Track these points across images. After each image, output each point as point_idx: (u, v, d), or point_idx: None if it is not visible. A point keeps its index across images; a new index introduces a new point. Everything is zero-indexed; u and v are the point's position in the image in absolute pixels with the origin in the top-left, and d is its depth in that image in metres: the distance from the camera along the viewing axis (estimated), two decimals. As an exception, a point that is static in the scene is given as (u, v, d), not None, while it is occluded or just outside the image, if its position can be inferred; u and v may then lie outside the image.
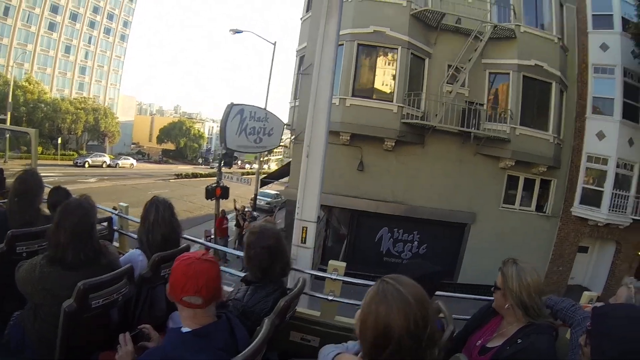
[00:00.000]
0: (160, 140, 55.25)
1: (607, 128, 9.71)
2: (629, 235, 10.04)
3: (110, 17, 46.86)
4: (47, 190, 2.65)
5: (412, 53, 9.76)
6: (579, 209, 10.03)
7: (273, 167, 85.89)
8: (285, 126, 10.59)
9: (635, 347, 1.10)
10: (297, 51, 12.42)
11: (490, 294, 1.77)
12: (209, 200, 11.20)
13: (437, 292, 2.00)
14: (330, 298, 2.45)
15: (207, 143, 64.15)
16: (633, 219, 9.55)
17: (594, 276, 10.72)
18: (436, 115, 9.66)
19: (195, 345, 1.26)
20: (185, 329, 1.30)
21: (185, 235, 2.38)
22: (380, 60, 10.01)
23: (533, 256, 10.45)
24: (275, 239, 1.88)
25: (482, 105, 9.72)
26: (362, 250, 10.76)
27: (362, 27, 9.68)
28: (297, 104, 11.31)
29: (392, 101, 9.68)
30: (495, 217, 10.32)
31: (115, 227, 3.00)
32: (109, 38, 47.16)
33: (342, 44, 9.87)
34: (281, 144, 12.30)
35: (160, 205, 2.11)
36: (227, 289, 2.23)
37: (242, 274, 2.22)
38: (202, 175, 36.10)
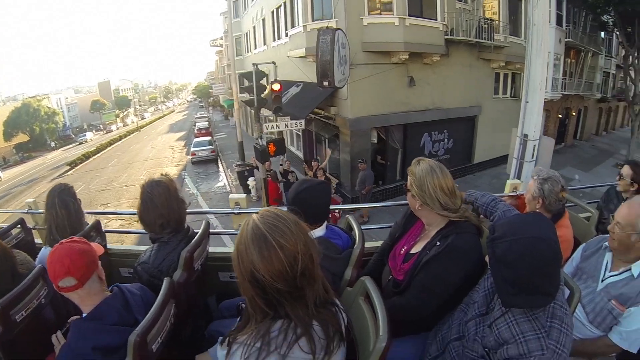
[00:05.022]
0: (7, 135, 48.12)
1: (547, 31, 15.45)
2: (554, 105, 16.88)
3: None
4: None
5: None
6: (532, 92, 16.01)
7: (150, 117, 76.12)
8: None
9: (531, 271, 1.22)
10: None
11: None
12: (264, 163, 10.51)
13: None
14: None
15: (62, 119, 56.45)
16: (562, 94, 16.22)
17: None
18: (463, 30, 13.07)
19: (90, 330, 1.41)
20: (84, 315, 1.47)
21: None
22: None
23: (510, 130, 16.20)
24: (160, 189, 1.96)
25: (488, 20, 13.62)
26: (413, 158, 13.93)
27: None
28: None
29: (437, 19, 12.40)
30: (490, 106, 15.24)
31: (30, 226, 3.18)
32: None
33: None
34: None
35: (58, 192, 2.30)
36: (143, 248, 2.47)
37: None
38: (93, 154, 33.76)
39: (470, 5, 13.40)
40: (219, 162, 21.86)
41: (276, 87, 10.52)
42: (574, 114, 19.47)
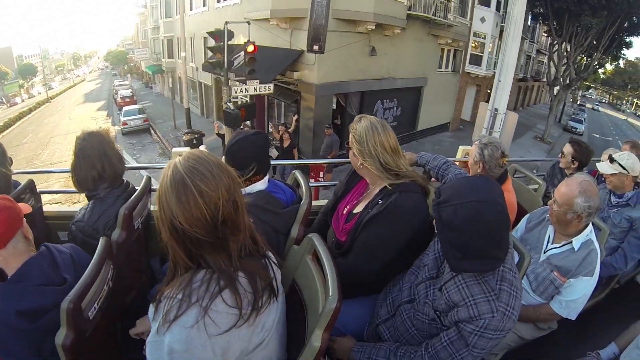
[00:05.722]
0: None
1: (487, 15, 17.21)
2: (484, 80, 19.12)
3: None
4: None
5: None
6: (469, 68, 17.97)
7: (58, 87, 67.88)
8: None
9: (478, 235, 1.22)
10: None
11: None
12: (234, 128, 10.31)
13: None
14: None
15: None
16: (494, 72, 18.38)
17: (465, 108, 19.89)
18: (422, 7, 14.17)
19: (13, 293, 1.32)
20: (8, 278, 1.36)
21: None
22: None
23: (449, 101, 18.19)
24: (93, 140, 1.90)
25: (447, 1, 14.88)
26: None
27: None
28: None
29: (401, -7, 13.29)
30: (434, 78, 16.90)
31: None
32: None
33: None
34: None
35: None
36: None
37: None
38: (1, 130, 29.74)
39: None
40: (153, 132, 20.77)
41: (251, 48, 10.52)
42: (499, 90, 22.17)
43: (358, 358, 1.55)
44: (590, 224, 2.01)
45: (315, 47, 10.28)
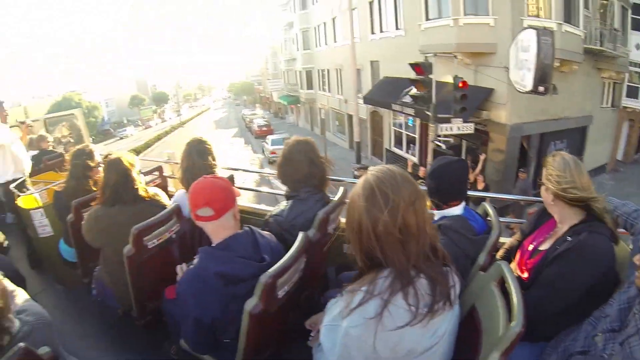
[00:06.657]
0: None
1: (640, 41, 16.10)
2: (638, 115, 17.54)
3: None
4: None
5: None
6: (627, 101, 16.56)
7: (186, 114, 77.94)
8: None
9: None
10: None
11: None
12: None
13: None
14: None
15: (101, 113, 59.67)
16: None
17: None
18: (596, 40, 13.23)
19: (217, 257, 1.57)
20: (213, 245, 1.61)
21: None
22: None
23: (607, 140, 16.61)
24: (300, 147, 2.14)
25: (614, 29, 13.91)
26: (541, 167, 13.77)
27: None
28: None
29: (579, 26, 12.43)
30: (597, 115, 15.50)
31: (166, 174, 3.75)
32: None
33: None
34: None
35: (197, 143, 2.52)
36: (269, 208, 2.64)
37: None
38: (143, 149, 32.90)
39: (591, 12, 13.61)
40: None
41: (461, 84, 10.15)
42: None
43: None
44: None
45: (541, 89, 9.75)
